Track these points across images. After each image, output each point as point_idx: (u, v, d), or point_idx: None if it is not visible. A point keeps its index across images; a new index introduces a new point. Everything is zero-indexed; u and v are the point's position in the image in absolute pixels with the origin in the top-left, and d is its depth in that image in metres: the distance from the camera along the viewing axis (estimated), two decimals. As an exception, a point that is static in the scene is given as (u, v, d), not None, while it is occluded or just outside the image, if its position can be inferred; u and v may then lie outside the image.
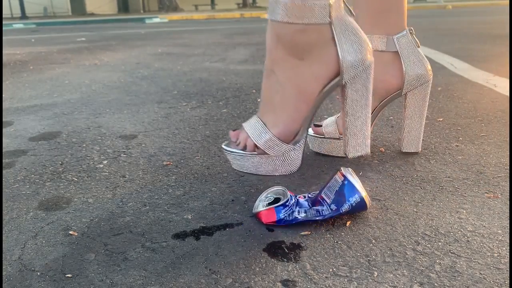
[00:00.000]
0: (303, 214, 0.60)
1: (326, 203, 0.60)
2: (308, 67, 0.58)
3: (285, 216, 0.59)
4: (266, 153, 0.64)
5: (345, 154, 0.64)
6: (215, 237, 0.58)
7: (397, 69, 0.81)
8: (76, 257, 0.55)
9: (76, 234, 0.60)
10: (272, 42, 0.59)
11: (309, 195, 0.63)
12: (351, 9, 0.58)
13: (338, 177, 0.60)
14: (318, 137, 0.86)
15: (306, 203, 0.61)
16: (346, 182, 0.59)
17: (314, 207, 0.60)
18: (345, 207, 0.58)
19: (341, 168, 0.61)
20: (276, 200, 0.62)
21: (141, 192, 0.73)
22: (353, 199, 0.58)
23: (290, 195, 0.61)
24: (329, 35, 0.57)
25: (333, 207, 0.59)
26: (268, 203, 0.62)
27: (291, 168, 0.64)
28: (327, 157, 0.86)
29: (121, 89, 1.65)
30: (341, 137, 0.84)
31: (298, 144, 0.63)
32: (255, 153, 0.64)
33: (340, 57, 0.57)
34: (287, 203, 0.60)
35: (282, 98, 0.61)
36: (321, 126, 0.86)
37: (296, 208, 0.60)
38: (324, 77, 0.58)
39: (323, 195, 0.61)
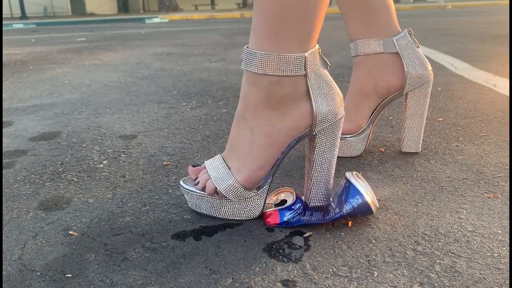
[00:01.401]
0: (307, 218, 0.59)
1: (331, 208, 0.60)
2: (281, 118, 0.58)
3: (289, 219, 0.59)
4: (227, 198, 0.61)
5: (307, 202, 0.63)
6: (215, 237, 0.58)
7: (398, 69, 0.81)
8: (76, 257, 0.55)
9: (76, 234, 0.60)
10: (247, 89, 0.58)
11: None
12: (327, 60, 0.58)
13: (342, 182, 0.60)
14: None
15: (316, 207, 0.61)
16: (348, 184, 0.59)
17: (320, 211, 0.60)
18: (346, 209, 0.57)
19: (346, 173, 0.61)
20: (283, 202, 0.62)
21: (141, 192, 0.73)
22: (354, 201, 0.57)
23: (298, 199, 0.60)
24: (303, 87, 0.56)
25: (337, 210, 0.58)
26: (275, 205, 0.61)
27: (251, 214, 0.62)
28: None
29: (121, 89, 1.65)
30: (342, 137, 0.84)
31: (261, 190, 0.61)
32: (215, 196, 0.62)
33: (314, 109, 0.57)
34: (292, 207, 0.59)
35: (250, 145, 0.59)
36: None
37: (301, 211, 0.60)
38: (296, 128, 0.58)
39: (331, 203, 0.61)
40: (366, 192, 0.58)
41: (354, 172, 0.61)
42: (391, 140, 0.95)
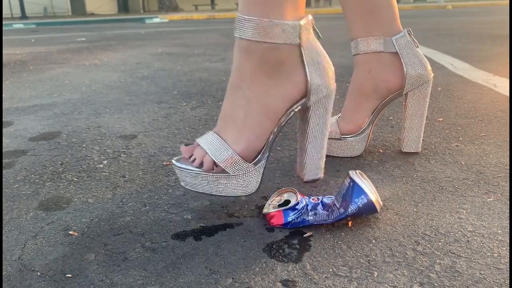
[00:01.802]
0: (311, 218, 0.59)
1: (336, 208, 0.59)
2: (276, 85, 0.58)
3: (293, 220, 0.59)
4: (225, 172, 0.60)
5: (300, 177, 0.63)
6: (215, 237, 0.58)
7: (398, 68, 0.81)
8: (76, 257, 0.55)
9: (76, 234, 0.60)
10: (240, 58, 0.58)
11: (324, 199, 0.62)
12: (319, 32, 0.58)
13: (346, 181, 0.60)
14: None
15: (317, 206, 0.61)
16: (352, 184, 0.58)
17: (325, 211, 0.60)
18: (352, 209, 0.57)
19: (349, 171, 0.61)
20: (286, 202, 0.61)
21: (141, 192, 0.73)
22: (359, 201, 0.57)
23: (301, 198, 0.60)
24: (298, 56, 0.57)
25: (341, 210, 0.58)
26: (278, 205, 0.61)
27: (248, 189, 0.61)
28: (327, 157, 0.86)
29: (121, 89, 1.65)
30: (342, 138, 0.84)
31: (259, 165, 0.61)
32: (213, 171, 0.60)
33: (308, 79, 0.57)
34: (296, 207, 0.59)
35: (246, 115, 0.59)
36: None
37: (305, 211, 0.59)
38: (291, 97, 0.59)
39: (335, 202, 0.60)
40: (371, 191, 0.58)
41: (357, 171, 0.61)
42: (391, 140, 0.95)
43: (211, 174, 0.60)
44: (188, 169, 0.61)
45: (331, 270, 0.50)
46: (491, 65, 1.84)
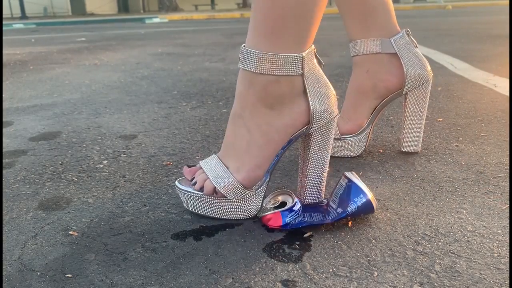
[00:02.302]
0: (309, 219, 0.59)
1: (332, 209, 0.59)
2: (278, 116, 0.58)
3: (291, 221, 0.59)
4: (225, 197, 0.61)
5: (301, 199, 0.64)
6: (215, 237, 0.58)
7: (396, 68, 0.81)
8: (76, 257, 0.55)
9: (76, 234, 0.60)
10: (243, 88, 0.58)
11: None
12: (321, 60, 0.59)
13: (342, 181, 0.60)
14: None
15: (313, 208, 0.61)
16: (350, 183, 0.59)
17: (321, 213, 0.60)
18: (351, 208, 0.58)
19: (345, 172, 0.61)
20: (282, 204, 0.61)
21: (141, 192, 0.73)
22: (359, 200, 0.58)
23: (297, 200, 0.60)
24: (300, 86, 0.58)
25: (339, 210, 0.58)
26: (275, 207, 0.61)
27: (250, 213, 0.62)
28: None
29: (121, 89, 1.65)
30: (342, 137, 0.84)
31: (259, 189, 0.61)
32: (214, 196, 0.61)
33: (311, 108, 0.58)
34: (293, 208, 0.59)
35: (248, 144, 0.60)
36: None
37: (302, 212, 0.59)
38: (293, 127, 0.59)
39: (330, 203, 0.60)
40: (368, 191, 0.59)
41: (352, 172, 0.61)
42: (391, 140, 0.95)
43: (212, 197, 0.62)
44: (189, 192, 0.63)
45: (331, 270, 0.50)
46: (491, 65, 1.84)
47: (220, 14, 10.33)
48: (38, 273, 0.52)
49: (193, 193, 0.63)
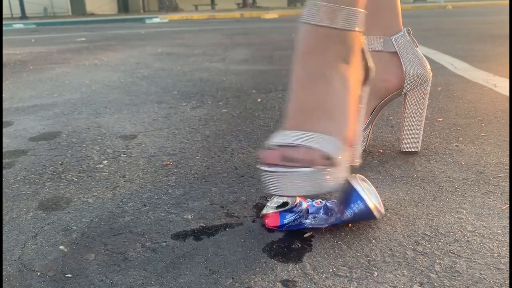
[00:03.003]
0: (309, 221, 0.58)
1: (334, 212, 0.58)
2: (356, 70, 0.57)
3: (289, 222, 0.58)
4: (334, 165, 0.53)
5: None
6: (215, 237, 0.58)
7: (397, 68, 0.81)
8: (76, 257, 0.55)
9: (76, 234, 0.60)
10: (327, 47, 0.55)
11: (328, 203, 0.60)
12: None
13: (344, 185, 0.59)
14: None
15: (320, 209, 0.59)
16: (349, 188, 0.56)
17: (324, 215, 0.59)
18: (347, 214, 0.56)
19: (348, 175, 0.57)
20: (284, 204, 0.60)
21: (141, 192, 0.73)
22: (355, 206, 0.55)
23: (301, 201, 0.59)
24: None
25: (338, 215, 0.57)
26: (276, 206, 0.60)
27: (341, 181, 0.55)
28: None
29: (121, 89, 1.65)
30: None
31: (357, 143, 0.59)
32: (323, 166, 0.52)
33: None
34: (293, 209, 0.58)
35: (341, 101, 0.55)
36: None
37: (304, 214, 0.58)
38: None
39: (334, 206, 0.59)
40: (369, 197, 0.56)
41: (358, 175, 0.58)
42: (391, 140, 0.95)
43: (318, 169, 0.52)
44: (296, 171, 0.52)
45: (331, 270, 0.50)
46: (491, 65, 1.84)
47: (220, 14, 10.33)
48: (38, 273, 0.52)
49: (304, 171, 0.52)
